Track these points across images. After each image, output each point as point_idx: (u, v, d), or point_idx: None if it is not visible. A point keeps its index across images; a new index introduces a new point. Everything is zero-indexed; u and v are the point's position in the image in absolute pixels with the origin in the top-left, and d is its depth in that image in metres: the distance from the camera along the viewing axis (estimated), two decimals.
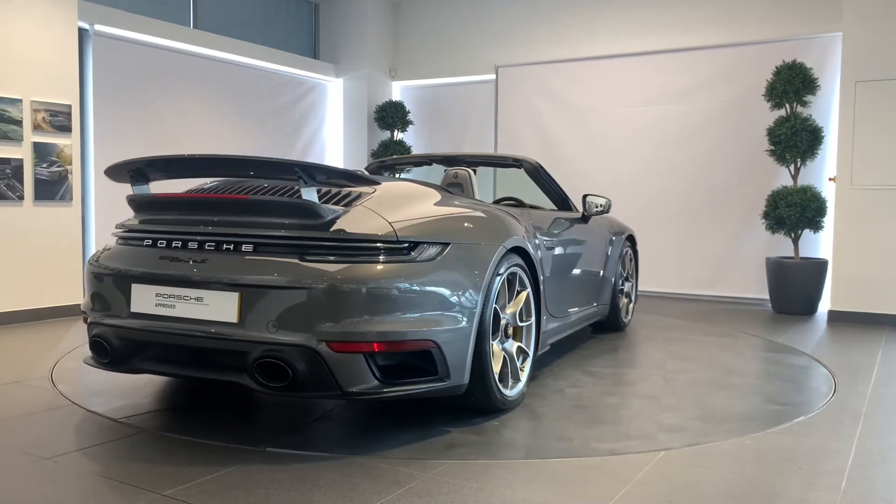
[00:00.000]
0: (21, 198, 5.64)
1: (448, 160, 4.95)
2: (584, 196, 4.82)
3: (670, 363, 4.42)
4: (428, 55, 9.35)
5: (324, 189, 3.03)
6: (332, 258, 2.76)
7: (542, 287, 3.67)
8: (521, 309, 3.51)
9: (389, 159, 5.20)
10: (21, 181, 5.63)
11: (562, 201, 4.85)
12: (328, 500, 2.36)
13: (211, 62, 7.72)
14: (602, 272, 5.07)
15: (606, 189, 7.44)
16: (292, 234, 2.81)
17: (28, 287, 5.66)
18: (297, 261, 2.75)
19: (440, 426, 3.14)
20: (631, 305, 5.76)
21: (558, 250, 4.23)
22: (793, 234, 6.67)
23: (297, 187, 3.00)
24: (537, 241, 3.87)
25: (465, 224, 3.23)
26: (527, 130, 8.64)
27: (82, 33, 6.45)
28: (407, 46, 9.54)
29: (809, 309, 6.60)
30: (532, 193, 5.03)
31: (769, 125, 6.76)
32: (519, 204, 4.94)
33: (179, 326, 2.86)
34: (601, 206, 4.83)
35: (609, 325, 5.43)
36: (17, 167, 5.61)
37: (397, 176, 5.45)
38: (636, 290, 5.91)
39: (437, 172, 5.27)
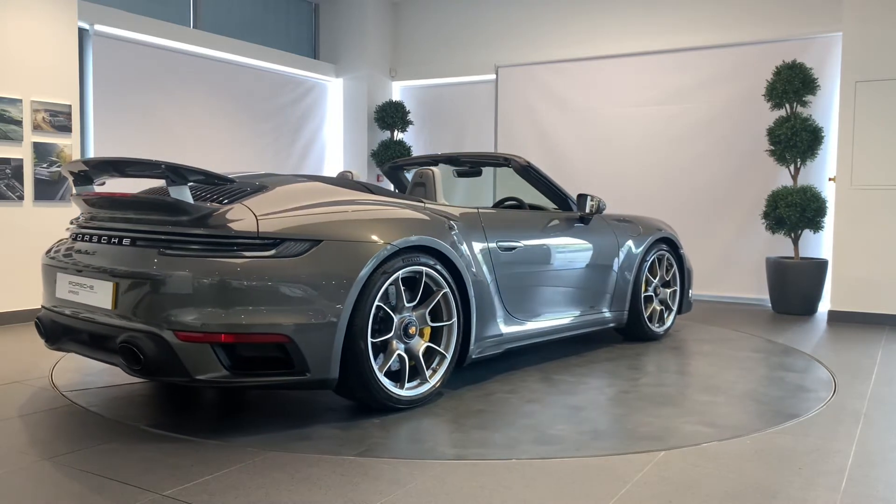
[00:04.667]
0: (21, 198, 5.64)
1: (448, 160, 5.04)
2: (579, 196, 4.72)
3: (653, 376, 4.13)
4: (428, 55, 9.36)
5: (222, 188, 3.22)
6: (188, 252, 2.95)
7: (470, 289, 3.61)
8: (441, 309, 3.51)
9: (401, 160, 5.30)
10: (21, 181, 5.64)
11: (561, 200, 4.76)
12: (328, 500, 2.36)
13: (211, 62, 7.71)
14: (613, 276, 4.87)
15: (606, 189, 7.45)
16: (157, 229, 3.06)
17: (28, 287, 5.65)
18: (156, 253, 2.97)
19: (313, 419, 3.22)
20: (671, 314, 5.38)
21: (525, 251, 4.14)
22: (793, 234, 6.67)
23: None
24: (492, 244, 3.86)
25: (347, 223, 3.23)
26: (527, 130, 8.64)
27: (82, 33, 6.45)
28: (407, 46, 9.54)
29: (809, 309, 6.60)
30: (536, 193, 4.98)
31: (769, 125, 6.76)
32: (519, 204, 4.94)
33: (80, 312, 3.20)
34: (594, 205, 4.70)
35: (633, 334, 5.14)
36: (17, 167, 5.61)
37: (380, 179, 5.50)
38: (682, 298, 5.49)
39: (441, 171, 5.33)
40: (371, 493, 2.42)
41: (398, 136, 9.22)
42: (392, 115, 9.04)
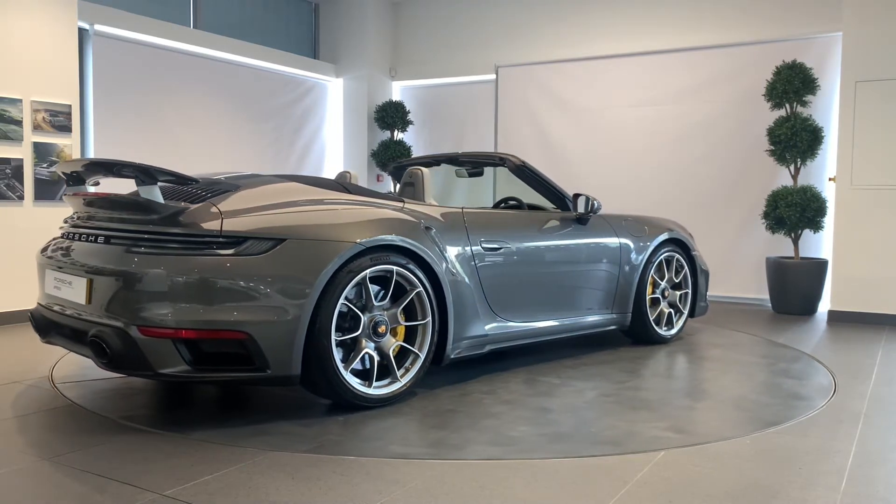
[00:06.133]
0: (21, 198, 5.65)
1: (447, 160, 5.05)
2: (574, 195, 4.65)
3: (643, 380, 4.05)
4: (428, 55, 9.36)
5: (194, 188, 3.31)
6: (154, 250, 3.03)
7: (447, 288, 3.61)
8: (415, 308, 3.51)
9: (405, 161, 5.32)
10: (21, 181, 5.64)
11: (558, 200, 4.70)
12: (328, 500, 2.36)
13: (211, 62, 7.71)
14: (613, 277, 4.76)
15: (606, 189, 7.45)
16: (128, 228, 3.17)
17: (28, 287, 5.63)
18: (124, 251, 3.07)
19: (278, 414, 3.27)
20: (681, 317, 5.23)
21: (513, 251, 4.11)
22: (793, 234, 6.67)
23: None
24: (475, 244, 3.87)
25: (312, 222, 3.25)
26: (527, 130, 8.64)
27: (82, 33, 6.44)
28: (407, 46, 9.54)
29: (809, 309, 6.60)
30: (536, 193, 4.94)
31: (769, 125, 6.77)
32: (518, 204, 4.93)
33: (62, 307, 3.32)
34: (591, 205, 4.61)
35: (639, 337, 5.03)
36: (17, 167, 5.61)
37: (380, 179, 5.52)
38: (695, 300, 5.32)
39: (443, 172, 5.33)
40: (371, 493, 2.42)
41: (398, 136, 9.22)
42: (392, 115, 9.04)
